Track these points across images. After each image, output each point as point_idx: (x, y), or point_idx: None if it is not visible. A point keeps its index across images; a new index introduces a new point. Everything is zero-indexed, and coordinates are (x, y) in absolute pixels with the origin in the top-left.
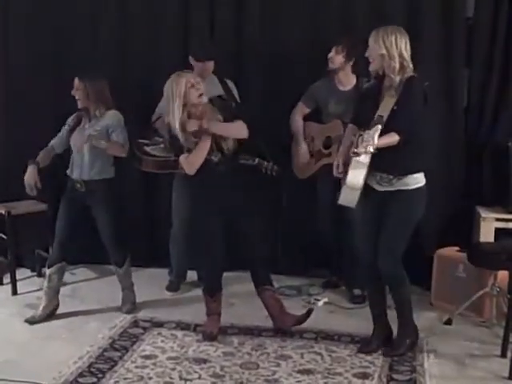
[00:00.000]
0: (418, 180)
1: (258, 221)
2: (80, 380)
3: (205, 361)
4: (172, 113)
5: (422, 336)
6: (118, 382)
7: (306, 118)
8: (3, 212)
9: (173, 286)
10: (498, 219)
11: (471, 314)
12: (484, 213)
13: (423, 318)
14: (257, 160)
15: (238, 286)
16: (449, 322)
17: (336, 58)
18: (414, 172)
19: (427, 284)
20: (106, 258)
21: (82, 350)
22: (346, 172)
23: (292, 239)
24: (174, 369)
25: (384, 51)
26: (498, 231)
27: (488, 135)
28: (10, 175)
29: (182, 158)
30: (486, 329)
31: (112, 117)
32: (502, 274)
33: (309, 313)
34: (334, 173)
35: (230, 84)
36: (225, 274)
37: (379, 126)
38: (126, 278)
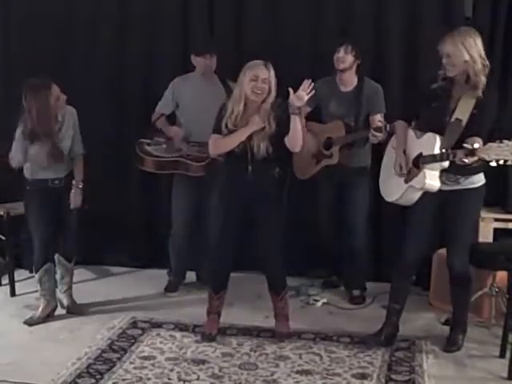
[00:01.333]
0: (481, 177)
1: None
2: (78, 381)
3: (203, 362)
4: (234, 98)
5: (420, 336)
6: (116, 383)
7: (306, 118)
8: (2, 213)
9: (172, 287)
10: (496, 219)
11: (470, 314)
12: (483, 213)
13: (422, 319)
14: None
15: (237, 286)
16: (447, 323)
17: (347, 58)
18: (481, 171)
19: (426, 284)
20: (103, 259)
21: (80, 351)
22: (410, 172)
23: (291, 239)
24: (172, 370)
25: (467, 57)
26: (496, 231)
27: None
28: (9, 176)
29: (212, 136)
30: (484, 329)
31: (72, 113)
32: (501, 275)
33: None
34: (397, 173)
35: (232, 86)
36: None
37: None
38: (72, 273)
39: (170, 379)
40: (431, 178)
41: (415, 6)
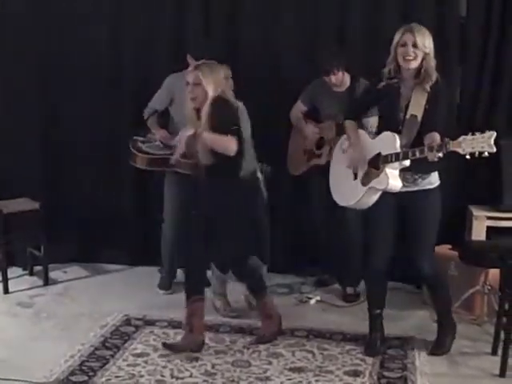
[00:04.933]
0: (437, 178)
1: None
2: (71, 378)
3: (196, 359)
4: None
5: (413, 334)
6: (109, 380)
7: (307, 117)
8: None
9: (165, 284)
10: (489, 218)
11: (462, 311)
12: (476, 211)
13: (415, 317)
14: None
15: (228, 284)
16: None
17: (341, 77)
18: (436, 170)
19: (419, 282)
20: (97, 257)
21: (73, 348)
22: (367, 174)
23: (284, 237)
24: (165, 367)
25: (428, 50)
26: (489, 230)
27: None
28: (2, 174)
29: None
30: (477, 326)
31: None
32: (493, 272)
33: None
34: (354, 169)
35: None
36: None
37: (494, 133)
38: None
39: (162, 376)
40: (393, 178)
41: (409, 6)
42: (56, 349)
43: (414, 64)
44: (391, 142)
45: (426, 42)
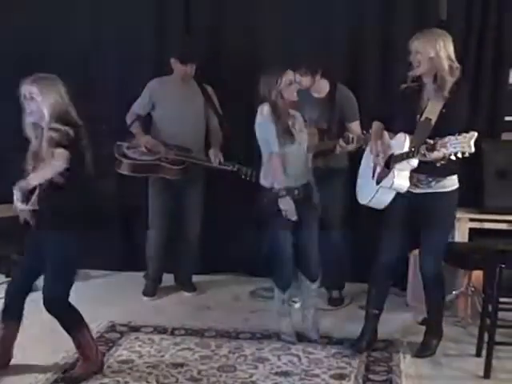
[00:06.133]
0: (454, 182)
1: None
2: None
3: (182, 365)
4: None
5: (398, 336)
6: None
7: None
8: None
9: (149, 290)
10: (472, 219)
11: (446, 313)
12: (458, 213)
13: (399, 319)
14: (236, 166)
15: (214, 289)
16: (424, 323)
17: (303, 81)
18: (453, 174)
19: (403, 285)
20: (84, 263)
21: (57, 355)
22: (381, 173)
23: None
24: (150, 373)
25: (433, 54)
26: (472, 231)
27: None
28: None
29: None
30: (461, 328)
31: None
32: (477, 274)
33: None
34: (374, 159)
35: (209, 90)
36: (200, 278)
37: (475, 134)
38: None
39: (148, 382)
40: (400, 178)
41: (390, 9)
42: (40, 356)
43: (420, 70)
44: (401, 142)
45: (427, 46)
